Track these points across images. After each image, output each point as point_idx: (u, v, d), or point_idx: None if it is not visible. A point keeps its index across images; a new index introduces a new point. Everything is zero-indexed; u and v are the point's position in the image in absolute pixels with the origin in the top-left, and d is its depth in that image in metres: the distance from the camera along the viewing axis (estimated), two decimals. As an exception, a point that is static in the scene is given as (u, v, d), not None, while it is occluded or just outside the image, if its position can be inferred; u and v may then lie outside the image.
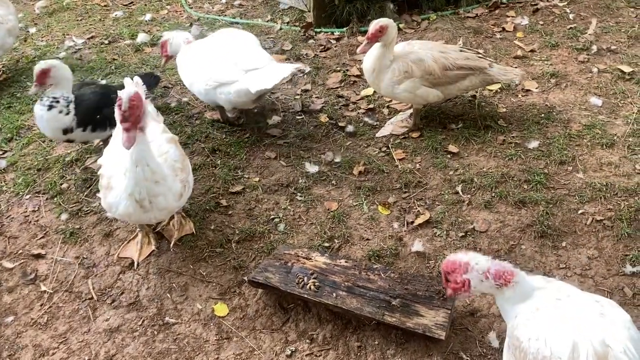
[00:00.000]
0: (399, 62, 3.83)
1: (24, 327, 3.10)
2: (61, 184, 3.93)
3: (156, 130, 3.33)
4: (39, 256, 3.46)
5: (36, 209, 3.77)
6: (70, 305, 3.20)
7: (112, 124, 3.69)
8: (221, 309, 3.08)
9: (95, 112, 3.71)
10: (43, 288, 3.29)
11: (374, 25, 3.72)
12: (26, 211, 3.76)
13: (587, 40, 4.93)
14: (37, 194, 3.87)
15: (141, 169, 2.93)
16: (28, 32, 5.94)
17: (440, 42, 4.39)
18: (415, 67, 3.81)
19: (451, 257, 2.40)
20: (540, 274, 3.06)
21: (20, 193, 3.87)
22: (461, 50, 3.97)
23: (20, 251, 3.50)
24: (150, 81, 4.16)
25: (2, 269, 3.40)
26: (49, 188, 3.90)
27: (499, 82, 4.08)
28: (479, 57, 3.96)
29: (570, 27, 5.14)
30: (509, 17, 5.36)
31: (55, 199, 3.81)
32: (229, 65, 3.90)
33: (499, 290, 2.35)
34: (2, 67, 5.30)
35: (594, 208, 3.45)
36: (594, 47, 4.83)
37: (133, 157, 2.92)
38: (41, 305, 3.21)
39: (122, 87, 3.82)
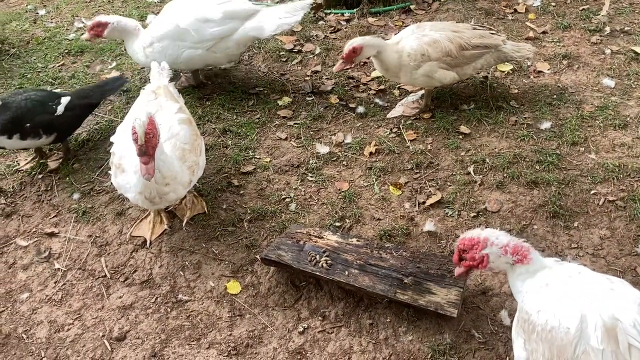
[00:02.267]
0: (414, 46, 3.79)
1: (39, 303, 3.14)
2: (73, 164, 3.95)
3: (170, 111, 3.33)
4: (52, 234, 3.49)
5: (49, 188, 3.79)
6: (84, 282, 3.23)
7: (47, 132, 3.68)
8: (234, 287, 3.10)
9: (22, 121, 3.58)
10: (57, 266, 3.32)
11: (347, 46, 3.73)
12: (39, 190, 3.78)
13: (600, 21, 4.87)
14: (49, 174, 3.89)
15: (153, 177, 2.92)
16: (37, 14, 5.93)
17: (452, 22, 4.35)
18: (431, 49, 3.77)
19: (468, 234, 2.41)
20: (552, 254, 3.08)
21: (33, 172, 3.89)
22: (474, 29, 3.94)
23: (34, 229, 3.53)
24: (115, 85, 4.13)
25: (17, 247, 3.44)
26: (61, 168, 3.92)
27: (514, 59, 4.03)
28: (492, 33, 3.92)
29: (583, 9, 5.09)
30: (520, -2, 5.32)
31: (67, 178, 3.83)
32: (221, 17, 4.02)
33: (512, 267, 2.36)
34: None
35: (607, 188, 3.43)
36: (607, 29, 4.78)
37: None
38: (55, 282, 3.24)
39: (58, 95, 3.78)
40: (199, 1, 4.10)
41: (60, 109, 3.72)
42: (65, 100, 3.77)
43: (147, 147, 2.73)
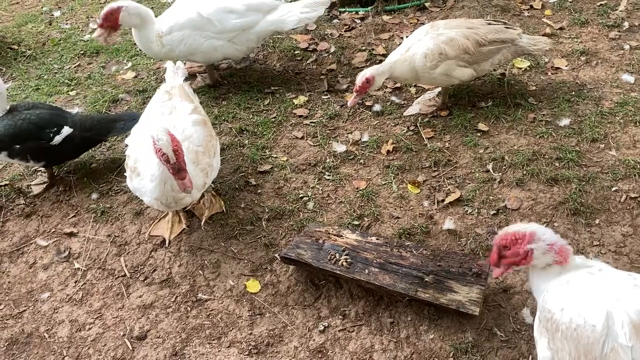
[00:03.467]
0: (430, 46, 3.76)
1: (60, 303, 3.15)
2: (91, 164, 3.97)
3: (184, 111, 3.33)
4: (71, 234, 3.51)
5: (67, 188, 3.81)
6: (104, 282, 3.24)
7: (35, 158, 3.57)
8: (253, 286, 3.10)
9: (13, 141, 3.49)
10: (77, 265, 3.33)
11: (360, 78, 3.71)
12: (57, 191, 3.80)
13: (618, 17, 4.82)
14: (67, 174, 3.91)
15: (169, 185, 2.94)
16: (53, 15, 5.97)
17: (465, 19, 4.32)
18: (448, 48, 3.74)
19: (509, 229, 2.28)
20: (574, 252, 3.04)
21: (54, 172, 3.91)
22: (488, 24, 3.90)
23: (54, 230, 3.55)
24: (127, 125, 3.72)
25: (37, 246, 3.46)
26: (79, 168, 3.94)
27: (531, 53, 3.99)
28: (507, 27, 3.89)
29: (601, 4, 5.03)
30: (536, -6, 5.27)
31: (85, 178, 3.85)
32: (243, 9, 4.07)
33: (546, 267, 2.28)
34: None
35: (628, 185, 3.39)
36: (626, 24, 4.73)
37: (163, 175, 2.90)
38: (75, 282, 3.26)
39: (62, 122, 3.58)
40: None
41: (57, 139, 3.55)
42: (66, 131, 3.58)
43: (179, 163, 2.76)
